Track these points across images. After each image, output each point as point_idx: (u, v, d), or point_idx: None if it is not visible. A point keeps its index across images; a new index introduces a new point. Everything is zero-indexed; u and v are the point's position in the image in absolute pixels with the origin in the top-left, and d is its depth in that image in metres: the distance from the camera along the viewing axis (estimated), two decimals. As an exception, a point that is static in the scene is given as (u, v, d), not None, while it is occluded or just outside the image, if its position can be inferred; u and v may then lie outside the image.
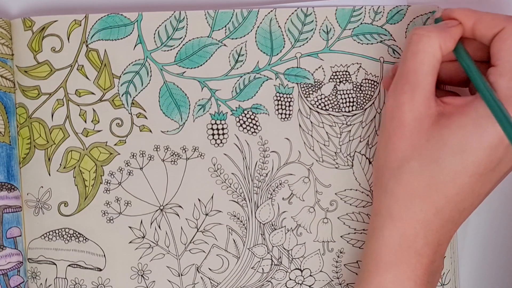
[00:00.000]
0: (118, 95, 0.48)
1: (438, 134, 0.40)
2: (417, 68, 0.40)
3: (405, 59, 0.41)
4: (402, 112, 0.41)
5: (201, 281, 0.49)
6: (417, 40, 0.41)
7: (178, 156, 0.48)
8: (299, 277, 0.49)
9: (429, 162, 0.40)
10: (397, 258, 0.41)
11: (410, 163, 0.40)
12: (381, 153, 0.42)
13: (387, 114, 0.42)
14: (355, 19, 0.48)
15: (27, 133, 0.49)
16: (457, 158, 0.39)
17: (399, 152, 0.41)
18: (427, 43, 0.40)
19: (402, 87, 0.41)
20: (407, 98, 0.41)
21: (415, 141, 0.40)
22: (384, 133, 0.42)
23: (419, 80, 0.40)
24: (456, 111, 0.40)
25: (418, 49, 0.41)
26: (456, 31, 0.42)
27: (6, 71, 0.48)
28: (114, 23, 0.48)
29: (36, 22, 0.48)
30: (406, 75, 0.41)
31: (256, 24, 0.48)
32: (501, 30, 0.40)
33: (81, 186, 0.49)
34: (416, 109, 0.40)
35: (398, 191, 0.41)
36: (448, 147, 0.40)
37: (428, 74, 0.40)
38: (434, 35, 0.41)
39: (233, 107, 0.48)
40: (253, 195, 0.48)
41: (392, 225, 0.41)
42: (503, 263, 0.50)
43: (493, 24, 0.41)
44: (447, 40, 0.41)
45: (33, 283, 0.49)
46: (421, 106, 0.40)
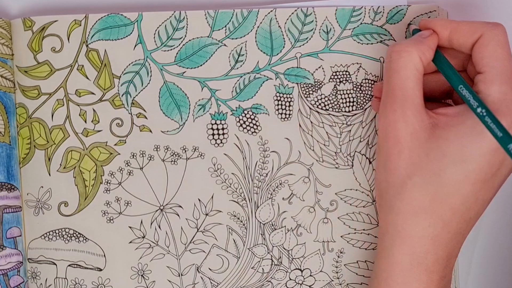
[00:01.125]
0: (118, 95, 0.48)
1: (436, 146, 0.40)
2: (403, 85, 0.40)
3: (389, 77, 0.41)
4: (396, 130, 0.40)
5: (201, 281, 0.49)
6: (397, 57, 0.41)
7: (178, 156, 0.48)
8: (299, 277, 0.49)
9: (431, 175, 0.40)
10: (408, 277, 0.41)
11: (413, 179, 0.40)
12: (382, 173, 0.42)
13: (381, 135, 0.41)
14: (355, 19, 0.48)
15: (27, 133, 0.49)
16: (458, 168, 0.39)
17: (400, 170, 0.40)
18: (408, 58, 0.40)
19: (391, 106, 0.41)
20: (398, 115, 0.40)
21: (414, 157, 0.40)
22: (381, 153, 0.42)
23: (407, 95, 0.40)
24: (451, 121, 0.40)
25: (399, 66, 0.40)
26: (432, 41, 0.41)
27: (6, 71, 0.48)
28: (114, 23, 0.48)
29: (36, 22, 0.48)
30: (393, 93, 0.41)
31: (256, 24, 0.48)
32: (480, 36, 0.40)
33: (81, 186, 0.49)
34: (409, 125, 0.40)
35: (404, 208, 0.40)
36: (448, 158, 0.39)
37: (415, 88, 0.40)
38: (413, 49, 0.40)
39: (233, 107, 0.48)
40: (253, 195, 0.48)
41: (401, 244, 0.41)
42: (503, 263, 0.50)
43: (470, 32, 0.41)
44: (425, 51, 0.41)
45: (33, 283, 0.49)
46: (414, 121, 0.40)
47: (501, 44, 0.40)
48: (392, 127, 0.41)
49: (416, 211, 0.40)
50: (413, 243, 0.40)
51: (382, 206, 0.42)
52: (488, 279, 0.50)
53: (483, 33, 0.40)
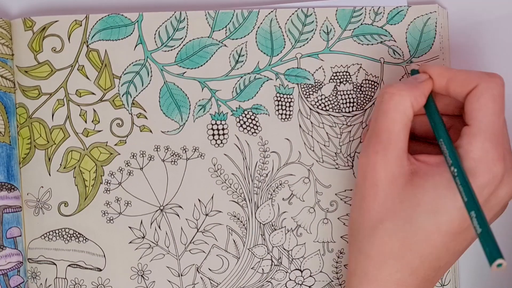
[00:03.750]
0: (118, 95, 0.48)
1: (412, 194, 0.39)
2: (389, 127, 0.40)
3: (377, 117, 0.41)
4: (375, 172, 0.40)
5: (201, 281, 0.49)
6: (389, 99, 0.40)
7: (178, 156, 0.48)
8: (299, 278, 0.49)
9: (403, 222, 0.39)
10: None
11: (384, 224, 0.40)
12: (356, 213, 0.41)
13: (360, 174, 0.41)
14: (355, 19, 0.48)
15: (27, 133, 0.49)
16: (430, 218, 0.39)
17: (372, 213, 0.40)
18: (399, 102, 0.40)
19: (374, 146, 0.40)
20: (380, 157, 0.40)
21: (388, 201, 0.40)
22: (358, 193, 0.41)
23: (392, 139, 0.40)
24: (430, 171, 0.40)
25: (389, 107, 0.40)
26: (426, 86, 0.41)
27: (6, 71, 0.48)
28: (114, 24, 0.48)
29: (36, 22, 0.48)
30: (378, 134, 0.40)
31: (257, 24, 0.48)
32: (475, 87, 0.40)
33: (81, 186, 0.49)
34: (389, 169, 0.40)
35: (373, 252, 0.40)
36: (421, 207, 0.39)
37: (400, 133, 0.40)
38: (406, 94, 0.40)
39: (234, 108, 0.48)
40: (253, 196, 0.48)
41: (368, 286, 0.40)
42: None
43: (466, 82, 0.40)
44: (418, 97, 0.40)
45: (33, 283, 0.49)
46: (394, 165, 0.40)
47: (494, 98, 0.39)
48: (371, 168, 0.40)
49: (385, 256, 0.40)
50: (379, 287, 0.40)
51: (352, 246, 0.42)
52: (489, 279, 0.50)
53: (478, 84, 0.40)
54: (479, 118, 0.39)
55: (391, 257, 0.40)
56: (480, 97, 0.39)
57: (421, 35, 0.47)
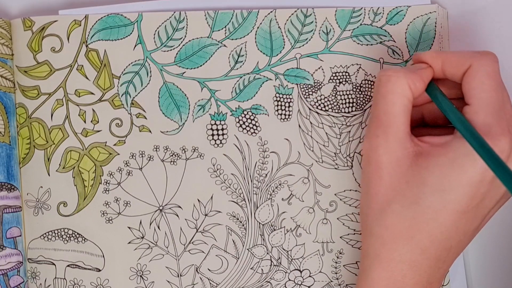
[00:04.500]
0: (117, 95, 0.49)
1: (417, 174, 0.40)
2: (388, 110, 0.40)
3: (376, 101, 0.41)
4: (378, 155, 0.40)
5: (200, 281, 0.49)
6: (386, 81, 0.40)
7: (177, 156, 0.48)
8: (298, 278, 0.49)
9: (410, 203, 0.40)
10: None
11: (392, 206, 0.40)
12: (364, 197, 0.42)
13: (364, 159, 0.41)
14: (354, 20, 0.48)
15: (27, 133, 0.49)
16: (437, 197, 0.39)
17: (380, 196, 0.40)
18: (396, 83, 0.40)
19: (375, 131, 0.40)
20: (381, 141, 0.40)
21: (394, 183, 0.40)
22: (364, 177, 0.42)
23: (391, 121, 0.40)
24: (434, 151, 0.40)
25: (387, 90, 0.40)
26: (425, 73, 0.41)
27: (6, 71, 0.48)
28: (114, 23, 0.48)
29: (36, 22, 0.48)
30: (377, 118, 0.41)
31: (256, 24, 0.48)
32: (469, 67, 0.40)
33: (80, 186, 0.49)
34: (391, 151, 0.40)
35: (383, 234, 0.40)
36: (428, 186, 0.39)
37: (400, 115, 0.40)
38: (402, 75, 0.40)
39: (233, 108, 0.48)
40: (253, 196, 0.48)
41: (380, 267, 0.41)
42: (503, 263, 0.50)
43: (460, 63, 0.40)
44: (416, 80, 0.40)
45: (33, 283, 0.49)
46: (396, 147, 0.40)
47: (489, 75, 0.39)
48: (374, 152, 0.40)
49: (395, 237, 0.40)
50: (391, 267, 0.40)
51: (364, 229, 0.42)
52: (489, 279, 0.50)
53: (472, 64, 0.40)
54: (477, 95, 0.39)
55: (401, 237, 0.40)
56: (476, 76, 0.40)
57: (420, 35, 0.47)
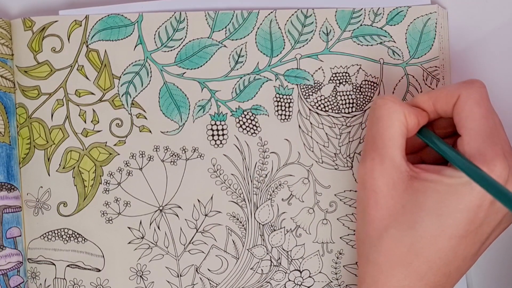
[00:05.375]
0: (118, 96, 0.49)
1: (414, 198, 0.39)
2: (383, 133, 0.40)
3: (371, 124, 0.41)
4: (373, 179, 0.40)
5: (200, 281, 0.49)
6: (382, 104, 0.40)
7: (177, 156, 0.48)
8: (298, 278, 0.49)
9: (406, 228, 0.39)
10: None
11: (389, 231, 0.40)
12: (360, 223, 0.41)
13: (359, 183, 0.41)
14: (355, 20, 0.48)
15: (27, 133, 0.49)
16: (434, 222, 0.39)
17: (376, 221, 0.40)
18: (392, 108, 0.40)
19: (370, 154, 0.40)
20: (376, 164, 0.40)
21: (390, 208, 0.40)
22: (360, 202, 0.41)
23: (386, 145, 0.40)
24: (430, 177, 0.39)
25: (382, 113, 0.40)
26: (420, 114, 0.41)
27: (6, 71, 0.48)
28: (114, 24, 0.48)
29: (36, 22, 0.48)
30: (372, 141, 0.40)
31: (256, 25, 0.48)
32: (458, 98, 0.40)
33: (80, 187, 0.49)
34: (387, 174, 0.40)
35: (380, 260, 0.40)
36: (424, 210, 0.39)
37: (395, 138, 0.40)
38: (399, 103, 0.40)
39: (233, 108, 0.48)
40: (253, 196, 0.48)
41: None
42: (503, 263, 0.50)
43: (448, 97, 0.40)
44: (411, 113, 0.40)
45: (33, 283, 0.49)
46: (391, 171, 0.40)
47: (477, 103, 0.39)
48: (369, 175, 0.40)
49: (392, 263, 0.40)
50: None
51: (360, 255, 0.42)
52: (490, 279, 0.50)
53: (460, 94, 0.40)
54: (468, 125, 0.39)
55: (399, 263, 0.39)
56: (464, 106, 0.39)
57: (420, 35, 0.47)
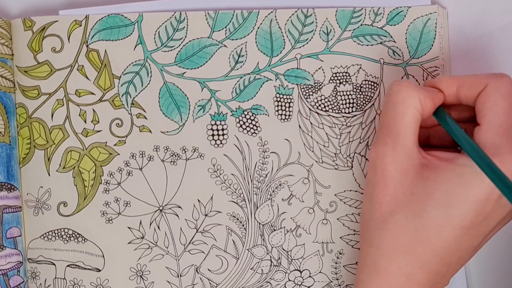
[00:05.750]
0: (118, 95, 0.49)
1: (423, 186, 0.39)
2: (398, 119, 0.40)
3: (386, 109, 0.41)
4: (385, 164, 0.40)
5: (200, 281, 0.49)
6: (397, 90, 0.40)
7: (177, 156, 0.48)
8: (298, 278, 0.49)
9: (413, 215, 0.39)
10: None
11: (395, 216, 0.40)
12: (366, 205, 0.41)
13: (370, 166, 0.41)
14: (355, 20, 0.48)
15: (27, 133, 0.49)
16: (442, 211, 0.39)
17: (383, 205, 0.40)
18: (407, 93, 0.40)
19: (383, 139, 0.40)
20: (389, 149, 0.40)
21: (399, 193, 0.40)
22: (368, 185, 0.41)
23: (400, 131, 0.40)
24: (442, 165, 0.39)
25: (398, 99, 0.40)
26: (436, 95, 0.41)
27: (6, 71, 0.48)
28: (114, 24, 0.48)
29: (36, 22, 0.48)
30: (387, 126, 0.40)
31: (256, 25, 0.48)
32: (484, 88, 0.40)
33: (80, 186, 0.49)
34: (398, 161, 0.40)
35: (383, 245, 0.40)
36: (433, 200, 0.39)
37: (410, 125, 0.40)
38: (414, 88, 0.40)
39: (233, 108, 0.48)
40: (253, 196, 0.48)
41: (378, 279, 0.40)
42: (503, 263, 0.50)
43: (476, 84, 0.40)
44: (426, 97, 0.40)
45: (33, 283, 0.49)
46: (403, 157, 0.40)
47: (504, 97, 0.39)
48: (380, 160, 0.40)
49: (395, 248, 0.40)
50: (389, 279, 0.40)
51: (363, 239, 0.42)
52: (491, 279, 0.50)
53: (488, 84, 0.40)
54: (489, 116, 0.39)
55: (402, 249, 0.40)
56: (490, 96, 0.39)
57: (421, 35, 0.47)
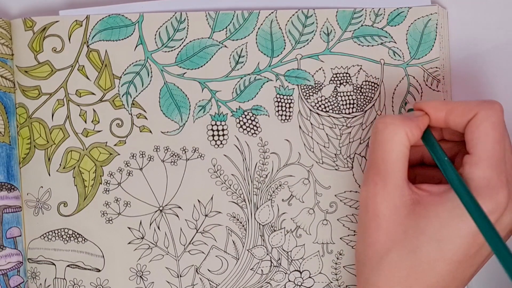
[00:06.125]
0: (118, 96, 0.49)
1: (415, 223, 0.39)
2: (386, 157, 0.40)
3: (373, 148, 0.41)
4: (376, 203, 0.40)
5: (200, 282, 0.49)
6: (383, 128, 0.40)
7: (178, 156, 0.48)
8: (298, 279, 0.49)
9: (407, 252, 0.39)
10: None
11: (389, 255, 0.40)
12: (360, 245, 0.41)
13: (361, 206, 0.41)
14: (355, 21, 0.48)
15: (27, 133, 0.49)
16: (434, 246, 0.39)
17: (377, 245, 0.40)
18: (393, 131, 0.40)
19: (373, 178, 0.40)
20: (379, 189, 0.40)
21: (392, 232, 0.40)
22: (361, 225, 0.41)
23: (389, 169, 0.40)
24: (433, 200, 0.39)
25: (384, 137, 0.40)
26: (421, 121, 0.41)
27: (6, 71, 0.48)
28: (115, 24, 0.48)
29: (37, 22, 0.48)
30: (375, 165, 0.40)
31: (257, 25, 0.48)
32: (474, 116, 0.40)
33: (80, 187, 0.49)
34: (389, 199, 0.40)
35: (380, 283, 0.40)
36: (425, 236, 0.39)
37: (398, 162, 0.40)
38: (399, 123, 0.40)
39: (234, 108, 0.48)
40: (253, 196, 0.48)
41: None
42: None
43: (465, 112, 0.40)
44: (413, 128, 0.40)
45: (33, 283, 0.49)
46: (394, 195, 0.40)
47: (494, 126, 0.39)
48: (372, 199, 0.40)
49: (392, 286, 0.40)
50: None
51: (360, 276, 0.42)
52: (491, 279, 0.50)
53: (478, 112, 0.39)
54: (480, 146, 0.39)
55: (398, 287, 0.40)
56: (480, 125, 0.39)
57: (421, 36, 0.47)
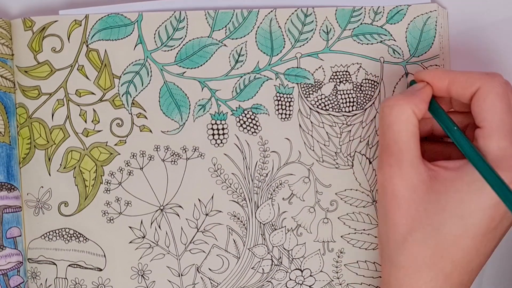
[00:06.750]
0: (118, 95, 0.49)
1: (435, 200, 0.39)
2: (396, 139, 0.40)
3: (382, 132, 0.41)
4: (393, 185, 0.40)
5: (201, 281, 0.49)
6: (389, 111, 0.40)
7: (178, 156, 0.48)
8: (299, 277, 0.49)
9: (430, 230, 0.39)
10: None
11: (413, 235, 0.40)
12: (383, 228, 0.42)
13: (379, 189, 0.41)
14: (355, 19, 0.48)
15: (27, 133, 0.49)
16: (457, 222, 0.39)
17: (399, 226, 0.40)
18: (399, 111, 0.40)
19: (387, 161, 0.40)
20: (394, 170, 0.40)
21: (413, 211, 0.40)
22: (381, 208, 0.41)
23: (402, 149, 0.40)
24: (450, 175, 0.40)
25: (391, 120, 0.40)
26: (425, 93, 0.41)
27: (6, 71, 0.48)
28: (114, 23, 0.48)
29: (36, 22, 0.48)
30: (387, 148, 0.41)
31: (256, 24, 0.48)
32: (478, 89, 0.40)
33: (81, 186, 0.49)
34: (406, 179, 0.40)
35: (405, 263, 0.40)
36: (447, 212, 0.39)
37: (409, 141, 0.40)
38: (404, 103, 0.40)
39: (233, 107, 0.48)
40: (253, 195, 0.48)
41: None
42: (504, 263, 0.50)
43: (468, 84, 0.40)
44: (418, 103, 0.40)
45: (33, 283, 0.49)
46: (411, 174, 0.40)
47: (499, 97, 0.39)
48: (389, 182, 0.40)
49: (418, 265, 0.40)
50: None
51: (384, 258, 0.42)
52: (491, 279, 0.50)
53: (481, 86, 0.40)
54: (489, 118, 0.39)
55: (424, 265, 0.40)
56: (486, 98, 0.39)
57: (421, 34, 0.47)
